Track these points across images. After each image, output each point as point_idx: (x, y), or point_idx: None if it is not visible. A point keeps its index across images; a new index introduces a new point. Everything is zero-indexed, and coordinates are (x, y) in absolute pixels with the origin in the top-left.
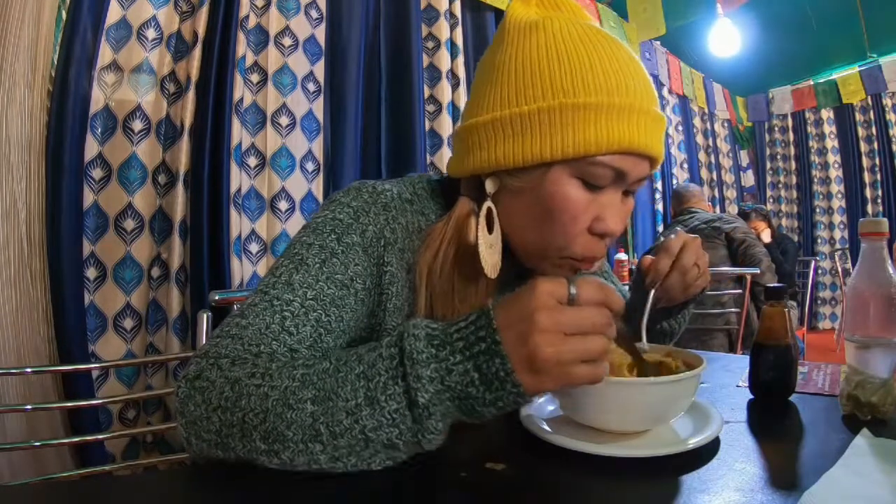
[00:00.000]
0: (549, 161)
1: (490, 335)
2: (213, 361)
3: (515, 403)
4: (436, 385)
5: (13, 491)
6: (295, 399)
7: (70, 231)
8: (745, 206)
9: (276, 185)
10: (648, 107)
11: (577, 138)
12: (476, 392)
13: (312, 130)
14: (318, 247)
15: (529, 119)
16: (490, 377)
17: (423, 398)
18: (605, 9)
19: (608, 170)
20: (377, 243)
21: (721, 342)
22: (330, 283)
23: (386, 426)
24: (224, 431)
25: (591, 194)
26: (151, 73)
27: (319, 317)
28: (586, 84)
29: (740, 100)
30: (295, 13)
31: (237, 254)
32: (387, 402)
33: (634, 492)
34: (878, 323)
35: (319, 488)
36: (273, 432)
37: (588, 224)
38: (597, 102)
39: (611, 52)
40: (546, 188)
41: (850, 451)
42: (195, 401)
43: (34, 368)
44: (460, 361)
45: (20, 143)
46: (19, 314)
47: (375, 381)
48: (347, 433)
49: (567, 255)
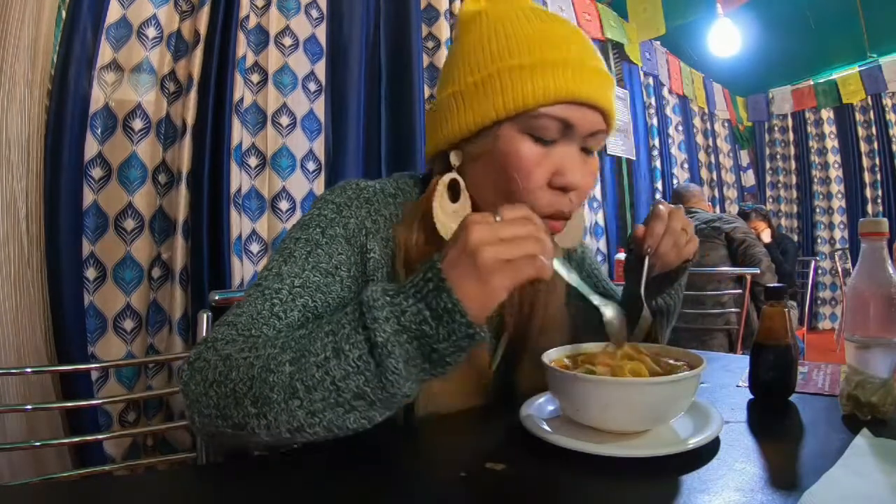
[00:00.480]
0: (496, 121)
1: (435, 275)
2: (210, 345)
3: (468, 337)
4: (392, 325)
5: (13, 491)
6: (275, 363)
7: (68, 231)
8: (745, 206)
9: (277, 184)
10: (587, 62)
11: (517, 95)
12: (430, 329)
13: (313, 130)
14: (304, 240)
15: (475, 88)
16: (440, 311)
17: (381, 337)
18: (605, 9)
19: (552, 120)
20: (359, 233)
21: (721, 342)
22: (315, 271)
23: (353, 374)
24: (221, 403)
25: (543, 148)
26: (152, 72)
27: (306, 302)
28: (521, 49)
29: (740, 100)
30: (295, 13)
31: (237, 254)
32: (350, 350)
33: (634, 492)
34: (878, 323)
35: (320, 489)
36: (260, 396)
37: (546, 178)
38: (531, 62)
39: (548, 24)
40: (499, 148)
41: (850, 451)
42: (195, 380)
43: (34, 368)
44: (413, 304)
45: (20, 142)
46: (19, 314)
47: (340, 334)
48: (320, 386)
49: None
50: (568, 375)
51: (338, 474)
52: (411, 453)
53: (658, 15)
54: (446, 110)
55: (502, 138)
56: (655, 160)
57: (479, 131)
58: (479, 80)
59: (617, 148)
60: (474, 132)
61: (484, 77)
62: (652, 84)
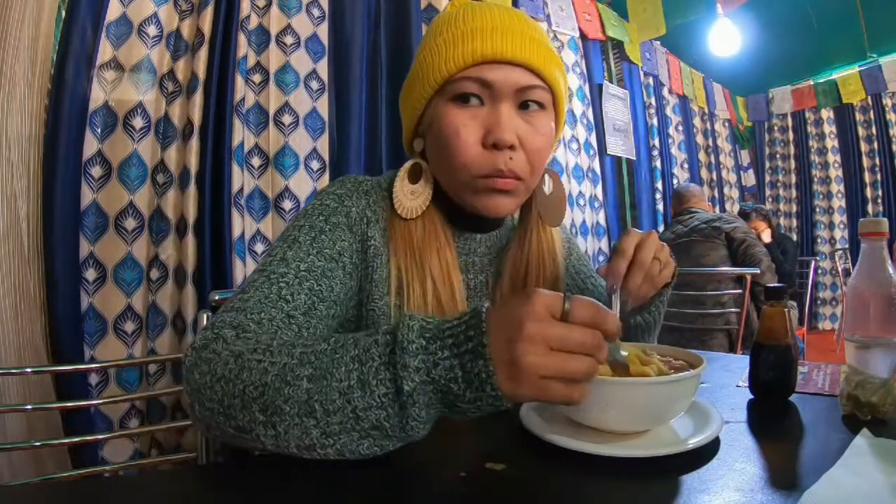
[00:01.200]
0: (428, 98)
1: (478, 336)
2: (218, 332)
3: (493, 407)
4: (421, 376)
5: (13, 491)
6: (293, 376)
7: (65, 231)
8: (745, 206)
9: (280, 184)
10: (502, 26)
11: (436, 68)
12: (458, 389)
13: (317, 129)
14: (307, 227)
15: (415, 76)
16: (472, 377)
17: (409, 386)
18: (606, 9)
19: (469, 82)
20: (361, 222)
21: (721, 342)
22: (320, 256)
23: (375, 408)
24: (226, 402)
25: (469, 110)
26: (152, 71)
27: (312, 286)
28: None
29: (740, 100)
30: (297, 11)
31: (239, 254)
32: (377, 386)
33: (634, 492)
34: (878, 323)
35: (320, 489)
36: (271, 405)
37: (478, 139)
38: (446, 38)
39: (481, 8)
40: (435, 122)
41: (850, 451)
42: (200, 370)
43: (34, 368)
44: (447, 357)
45: (20, 141)
46: (20, 314)
47: (368, 366)
48: (340, 412)
49: (472, 173)
50: None
51: (338, 474)
52: (411, 453)
53: (658, 15)
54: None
55: (435, 112)
56: (655, 160)
57: (422, 114)
58: (416, 67)
59: (617, 148)
60: (419, 116)
61: (417, 64)
62: (652, 84)
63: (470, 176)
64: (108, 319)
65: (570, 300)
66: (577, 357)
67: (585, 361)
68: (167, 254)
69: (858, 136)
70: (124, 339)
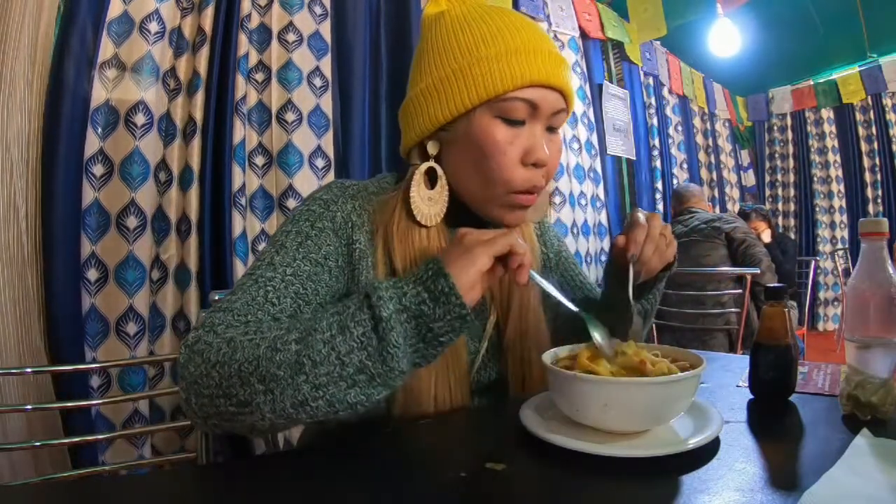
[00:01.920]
0: (470, 108)
1: (435, 263)
2: (209, 328)
3: (461, 318)
4: (394, 303)
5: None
6: (282, 342)
7: (67, 230)
8: (745, 206)
9: (284, 182)
10: (542, 47)
11: (488, 82)
12: (427, 309)
13: (321, 126)
14: (294, 232)
15: (448, 79)
16: (437, 294)
17: (385, 313)
18: (606, 9)
19: (520, 103)
20: (346, 226)
21: (721, 342)
22: (306, 261)
23: (357, 349)
24: (224, 383)
25: (513, 129)
26: (154, 68)
27: (298, 290)
28: (486, 41)
29: (740, 99)
30: (299, 9)
31: (240, 254)
32: (355, 326)
33: (634, 492)
34: (878, 323)
35: (319, 489)
36: (267, 374)
37: (519, 157)
38: (497, 52)
39: (503, 17)
40: (474, 132)
41: (850, 451)
42: (195, 362)
43: (34, 368)
44: (413, 287)
45: (20, 140)
46: (20, 313)
47: (345, 313)
48: (326, 360)
49: (510, 189)
50: (568, 375)
51: (338, 474)
52: (411, 453)
53: (659, 15)
54: (421, 103)
55: (476, 123)
56: (655, 160)
57: (454, 119)
58: (451, 72)
59: (617, 148)
60: (450, 120)
61: (455, 69)
62: (652, 84)
63: (507, 191)
64: (110, 321)
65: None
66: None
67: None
68: (168, 254)
69: (858, 135)
70: (126, 340)
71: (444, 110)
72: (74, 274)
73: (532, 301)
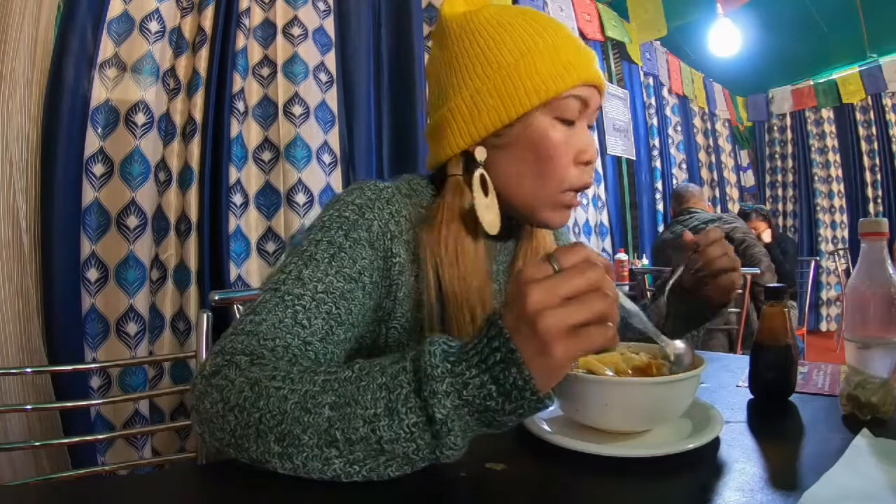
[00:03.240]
0: (530, 109)
1: (503, 344)
2: (230, 359)
3: (536, 410)
4: (452, 400)
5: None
6: (314, 403)
7: (67, 229)
8: (745, 206)
9: (293, 177)
10: (580, 45)
11: (548, 82)
12: (495, 405)
13: (327, 121)
14: (326, 243)
15: (501, 82)
16: (508, 387)
17: (441, 413)
18: (606, 9)
19: (576, 101)
20: (384, 237)
21: (721, 342)
22: (339, 276)
23: (403, 440)
24: (238, 432)
25: (568, 130)
26: (154, 67)
27: (330, 309)
28: (536, 41)
29: (740, 99)
30: (303, 4)
31: (239, 253)
32: (406, 414)
33: (635, 492)
34: (878, 323)
35: (319, 489)
36: (289, 435)
37: (573, 156)
38: (545, 46)
39: (535, 15)
40: (531, 134)
41: (850, 451)
42: (212, 398)
43: (34, 368)
44: (476, 375)
45: (20, 140)
46: (21, 313)
47: (397, 393)
48: (363, 441)
49: (565, 188)
50: (568, 375)
51: None
52: None
53: (659, 15)
54: (470, 109)
55: (534, 125)
56: (655, 160)
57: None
58: (505, 74)
59: (617, 148)
60: (507, 123)
61: (507, 70)
62: (652, 84)
63: (560, 190)
64: (111, 321)
65: (553, 258)
66: (592, 295)
67: (599, 295)
68: (167, 253)
69: (859, 135)
70: (126, 340)
71: (502, 114)
72: (74, 274)
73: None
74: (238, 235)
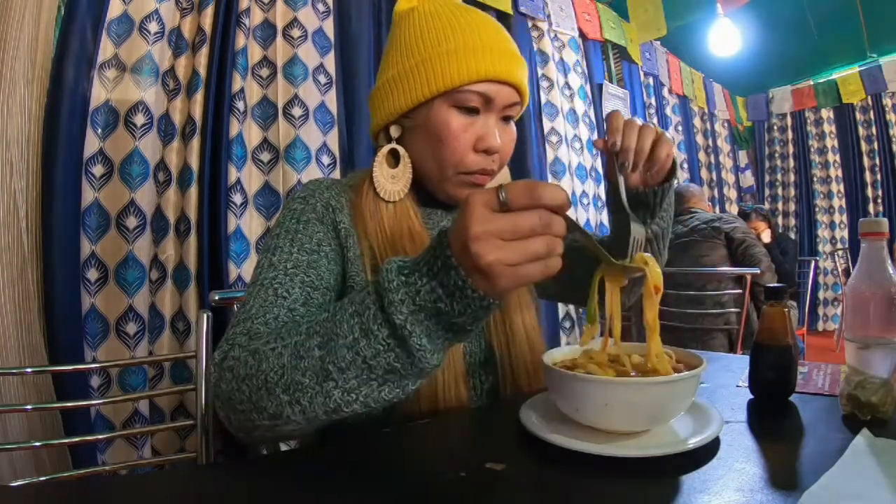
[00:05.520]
0: (429, 98)
1: (442, 252)
2: (233, 342)
3: (483, 308)
4: (408, 306)
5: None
6: (304, 349)
7: (66, 230)
8: (745, 207)
9: (292, 178)
10: (499, 47)
11: (446, 75)
12: (444, 306)
13: (326, 123)
14: (284, 232)
15: (412, 71)
16: (451, 289)
17: (399, 319)
18: (605, 9)
19: (474, 95)
20: (328, 212)
21: (721, 342)
22: (302, 251)
23: (382, 352)
24: (254, 396)
25: (468, 118)
26: (154, 68)
27: (303, 278)
28: (448, 38)
29: (740, 100)
30: (303, 5)
31: (239, 253)
32: (379, 329)
33: (634, 492)
34: (878, 323)
35: (319, 489)
36: (292, 383)
37: (472, 143)
38: (457, 48)
39: (466, 16)
40: (432, 120)
41: (850, 451)
42: (226, 379)
43: (34, 368)
44: (426, 282)
45: (20, 140)
46: (21, 313)
47: (366, 315)
48: (352, 365)
49: (461, 170)
50: (568, 375)
51: (338, 474)
52: (411, 453)
53: (659, 15)
54: (387, 91)
55: (434, 112)
56: None
57: (415, 107)
58: (415, 64)
59: None
60: (412, 108)
61: (418, 62)
62: (652, 84)
63: (458, 172)
64: (110, 321)
65: (503, 188)
66: (534, 238)
67: (543, 240)
68: (167, 254)
69: (858, 135)
70: (126, 340)
71: (407, 99)
72: (74, 274)
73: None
74: (238, 235)
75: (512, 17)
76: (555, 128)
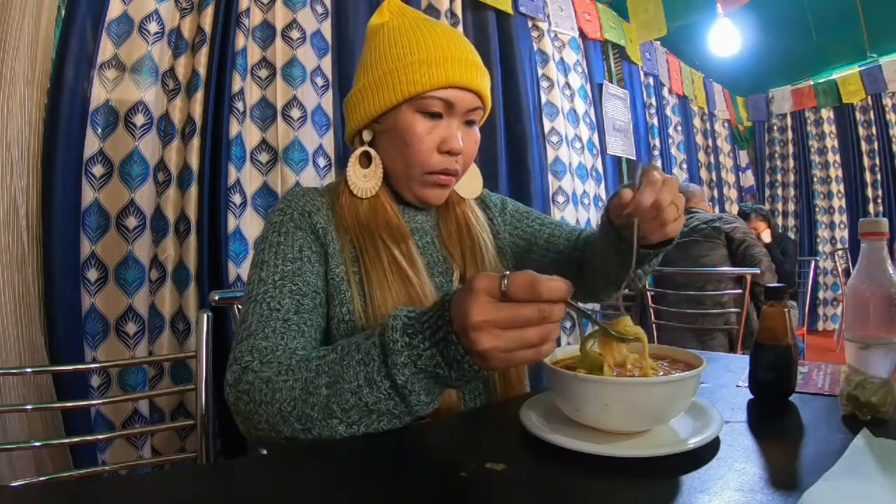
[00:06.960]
0: (397, 103)
1: (445, 325)
2: (244, 365)
3: (478, 377)
4: (410, 368)
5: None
6: (313, 387)
7: (67, 230)
8: (745, 207)
9: (291, 179)
10: (461, 56)
11: (410, 83)
12: (443, 372)
13: (322, 125)
14: (267, 246)
15: (381, 80)
16: (451, 360)
17: (401, 380)
18: (605, 9)
19: (437, 101)
20: (304, 217)
21: (721, 342)
22: (286, 262)
23: (383, 400)
24: (271, 420)
25: (431, 122)
26: (154, 68)
27: (290, 288)
28: (412, 50)
29: (740, 100)
30: (302, 6)
31: (238, 253)
32: (381, 381)
33: (634, 492)
34: (878, 323)
35: (320, 489)
36: (302, 416)
37: (436, 145)
38: (420, 59)
39: (431, 30)
40: (399, 124)
41: (850, 451)
42: (243, 401)
43: (34, 368)
44: (427, 347)
45: (21, 141)
46: (21, 313)
47: (371, 366)
48: (355, 408)
49: (426, 170)
50: (568, 375)
51: (338, 474)
52: (412, 453)
53: (659, 15)
54: (359, 98)
55: (401, 117)
56: (655, 160)
57: (384, 113)
58: (384, 73)
59: (617, 148)
60: (381, 113)
61: (387, 71)
62: (652, 84)
63: (422, 172)
64: (110, 320)
65: (507, 279)
66: (530, 328)
67: (538, 330)
68: (167, 254)
69: (859, 135)
70: (126, 340)
71: (377, 105)
72: (74, 274)
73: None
74: (237, 235)
75: (512, 17)
76: (555, 128)
